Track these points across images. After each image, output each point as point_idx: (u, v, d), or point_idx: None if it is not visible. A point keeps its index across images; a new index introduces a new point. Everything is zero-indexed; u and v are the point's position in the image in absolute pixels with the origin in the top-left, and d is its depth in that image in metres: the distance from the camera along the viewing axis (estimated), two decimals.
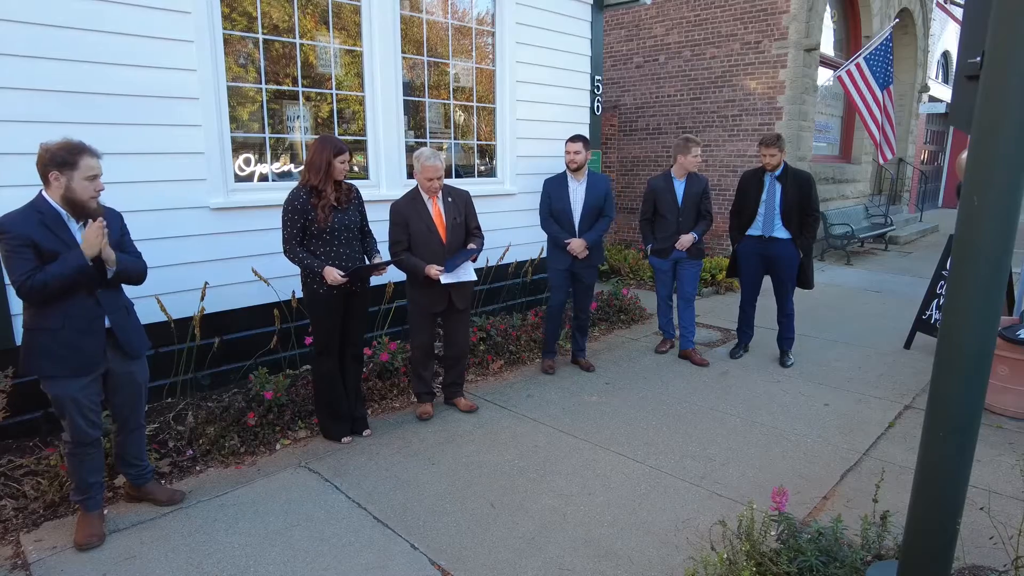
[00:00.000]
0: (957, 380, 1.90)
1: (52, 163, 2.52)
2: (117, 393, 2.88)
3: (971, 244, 1.82)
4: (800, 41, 8.83)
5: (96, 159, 2.62)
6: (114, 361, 2.80)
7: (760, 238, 5.05)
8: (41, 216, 2.55)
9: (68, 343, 2.61)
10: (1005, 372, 4.08)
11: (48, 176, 2.54)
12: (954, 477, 1.96)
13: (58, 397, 2.65)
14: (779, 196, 4.91)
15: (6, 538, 2.85)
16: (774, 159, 4.86)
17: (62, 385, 2.64)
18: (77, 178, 2.55)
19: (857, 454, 3.66)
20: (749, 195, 5.07)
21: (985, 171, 1.77)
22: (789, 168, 4.97)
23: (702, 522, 2.94)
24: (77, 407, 2.67)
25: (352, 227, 3.63)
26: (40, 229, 2.53)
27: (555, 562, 2.68)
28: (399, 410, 4.30)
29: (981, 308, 1.82)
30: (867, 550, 2.48)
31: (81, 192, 2.57)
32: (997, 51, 1.72)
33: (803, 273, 5.07)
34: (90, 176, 2.59)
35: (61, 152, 2.53)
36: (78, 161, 2.55)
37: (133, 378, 2.90)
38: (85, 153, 2.58)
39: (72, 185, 2.55)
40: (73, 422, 2.68)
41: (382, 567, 2.65)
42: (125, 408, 2.93)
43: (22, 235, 2.48)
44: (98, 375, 2.76)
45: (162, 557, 2.72)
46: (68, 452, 2.76)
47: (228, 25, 4.22)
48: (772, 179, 4.95)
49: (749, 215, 5.08)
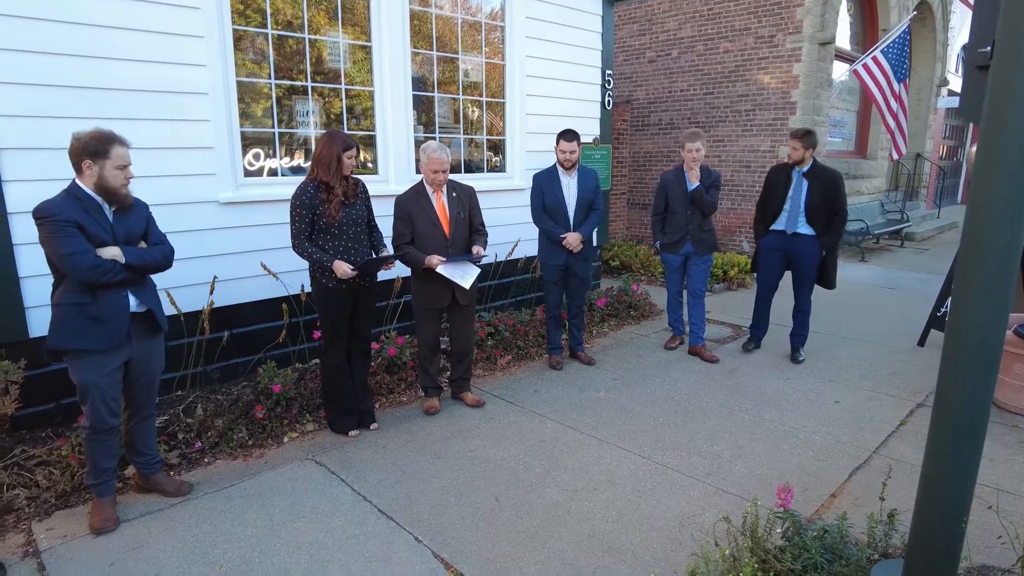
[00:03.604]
0: (964, 376, 1.87)
1: (85, 152, 2.62)
2: (133, 380, 2.94)
3: (979, 237, 1.79)
4: (815, 35, 8.71)
5: (126, 148, 2.72)
6: (136, 346, 2.87)
7: (783, 233, 5.00)
8: (80, 202, 2.65)
9: (94, 317, 2.68)
10: (1022, 371, 4.01)
11: (81, 164, 2.64)
12: (961, 475, 1.93)
13: (82, 383, 2.73)
14: (805, 193, 4.86)
15: (18, 526, 2.90)
16: (796, 153, 4.81)
17: (87, 370, 2.71)
18: (109, 167, 2.65)
19: (867, 452, 3.62)
20: (775, 190, 5.02)
21: (994, 162, 1.74)
22: (817, 165, 4.91)
23: (707, 518, 2.92)
24: (99, 393, 2.74)
25: (360, 221, 3.64)
26: (83, 214, 2.63)
27: (558, 556, 2.68)
28: (406, 404, 4.32)
29: (989, 302, 1.79)
30: (873, 548, 2.45)
31: (112, 180, 2.67)
32: (1007, 40, 1.68)
33: (825, 271, 5.00)
34: (121, 165, 2.69)
35: (93, 142, 2.63)
36: (110, 150, 2.65)
37: (151, 364, 2.98)
38: (116, 143, 2.68)
39: (104, 173, 2.65)
40: (94, 408, 2.75)
41: (386, 559, 2.66)
42: (139, 395, 3.00)
43: (69, 218, 2.57)
44: (120, 364, 2.82)
45: (169, 547, 2.76)
46: (86, 437, 2.83)
47: (240, 21, 4.25)
48: (799, 175, 4.90)
49: (774, 210, 5.03)
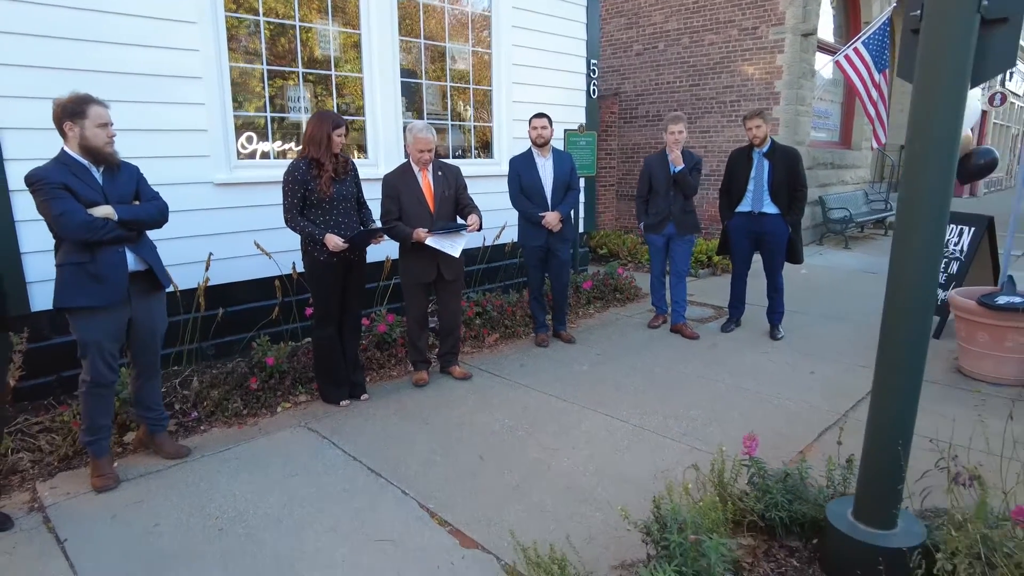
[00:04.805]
0: (904, 318, 2.04)
1: (64, 114, 2.76)
2: (136, 338, 3.09)
3: (916, 185, 1.95)
4: (797, 26, 8.90)
5: (104, 108, 2.85)
6: (137, 304, 3.01)
7: (750, 214, 5.16)
8: (67, 167, 2.78)
9: (94, 275, 2.82)
10: (985, 339, 4.18)
11: (64, 128, 2.78)
12: (902, 407, 2.09)
13: (83, 338, 2.88)
14: (767, 172, 5.02)
15: (23, 486, 3.04)
16: (760, 130, 4.97)
17: (88, 326, 2.86)
18: (89, 126, 2.78)
19: (837, 415, 3.78)
20: (738, 172, 5.18)
21: (926, 116, 1.90)
22: (777, 145, 5.09)
23: (679, 472, 3.08)
24: (99, 349, 2.89)
25: (349, 197, 3.79)
26: (71, 177, 2.76)
27: (537, 506, 2.83)
28: (396, 378, 4.47)
29: (924, 247, 1.96)
30: (833, 490, 2.61)
31: (94, 139, 2.81)
32: (935, 2, 1.84)
33: (792, 248, 5.18)
34: (101, 124, 2.82)
35: (71, 104, 2.77)
36: (87, 110, 2.78)
37: (153, 323, 3.13)
38: (92, 102, 2.81)
39: (85, 133, 2.78)
40: (93, 363, 2.90)
41: (373, 509, 2.81)
42: (143, 354, 3.15)
43: (57, 180, 2.71)
44: (122, 323, 2.97)
45: (168, 502, 2.90)
46: (84, 391, 2.97)
47: (232, 6, 4.38)
48: (760, 156, 5.06)
49: (739, 192, 5.20)
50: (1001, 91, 15.08)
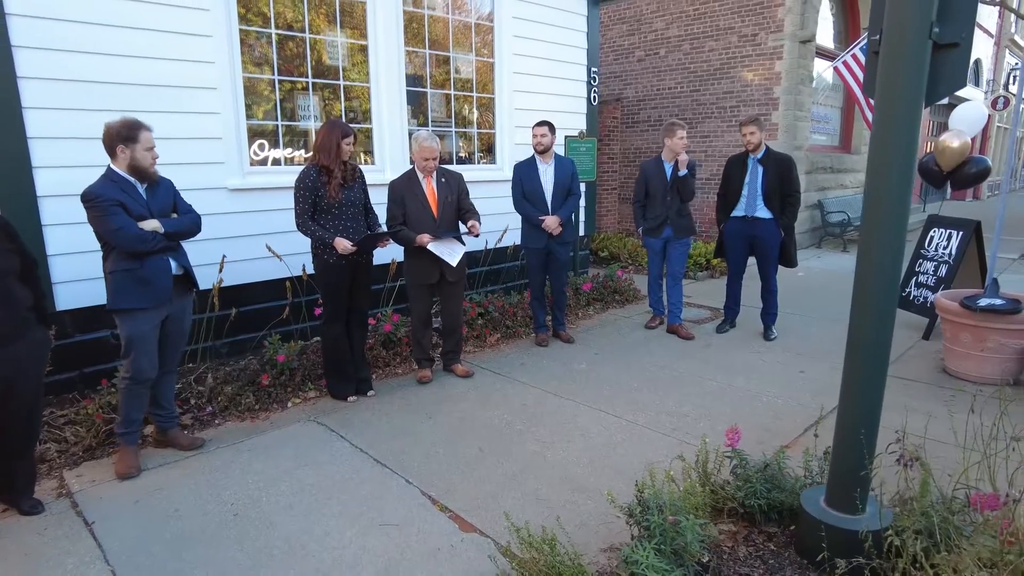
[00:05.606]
0: (870, 312, 2.21)
1: (118, 139, 3.03)
2: (166, 334, 3.33)
3: (878, 195, 2.13)
4: (795, 33, 9.06)
5: (150, 132, 3.14)
6: (175, 303, 3.28)
7: (744, 218, 5.33)
8: (117, 184, 3.05)
9: (142, 279, 3.09)
10: (968, 339, 4.33)
11: (116, 150, 3.05)
12: (870, 393, 2.26)
13: (130, 336, 3.12)
14: (761, 178, 5.19)
15: (51, 474, 3.24)
16: (754, 137, 5.14)
17: (136, 325, 3.11)
18: (139, 149, 3.07)
19: (823, 412, 3.93)
20: (734, 178, 5.35)
21: (886, 131, 2.07)
22: (771, 152, 5.25)
23: (668, 464, 3.25)
24: (144, 346, 3.14)
25: (357, 203, 3.98)
26: (122, 194, 3.03)
27: (533, 494, 3.01)
28: (401, 376, 4.66)
29: (886, 249, 2.13)
30: (809, 479, 2.78)
31: (143, 160, 3.09)
32: (891, 29, 2.01)
33: (785, 252, 5.34)
34: (148, 147, 3.11)
35: (124, 129, 3.04)
36: (138, 135, 3.06)
37: (183, 321, 3.41)
38: (142, 128, 3.10)
39: (136, 156, 3.06)
40: (137, 360, 3.14)
41: (378, 497, 3.00)
42: (169, 349, 3.38)
43: (113, 197, 2.99)
44: (160, 321, 3.22)
45: (186, 489, 3.09)
46: (124, 388, 3.21)
47: (246, 22, 4.59)
48: (755, 162, 5.23)
49: (734, 197, 5.37)
50: (1004, 95, 15.18)
